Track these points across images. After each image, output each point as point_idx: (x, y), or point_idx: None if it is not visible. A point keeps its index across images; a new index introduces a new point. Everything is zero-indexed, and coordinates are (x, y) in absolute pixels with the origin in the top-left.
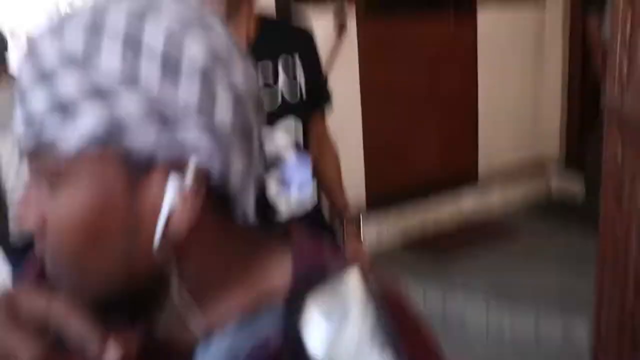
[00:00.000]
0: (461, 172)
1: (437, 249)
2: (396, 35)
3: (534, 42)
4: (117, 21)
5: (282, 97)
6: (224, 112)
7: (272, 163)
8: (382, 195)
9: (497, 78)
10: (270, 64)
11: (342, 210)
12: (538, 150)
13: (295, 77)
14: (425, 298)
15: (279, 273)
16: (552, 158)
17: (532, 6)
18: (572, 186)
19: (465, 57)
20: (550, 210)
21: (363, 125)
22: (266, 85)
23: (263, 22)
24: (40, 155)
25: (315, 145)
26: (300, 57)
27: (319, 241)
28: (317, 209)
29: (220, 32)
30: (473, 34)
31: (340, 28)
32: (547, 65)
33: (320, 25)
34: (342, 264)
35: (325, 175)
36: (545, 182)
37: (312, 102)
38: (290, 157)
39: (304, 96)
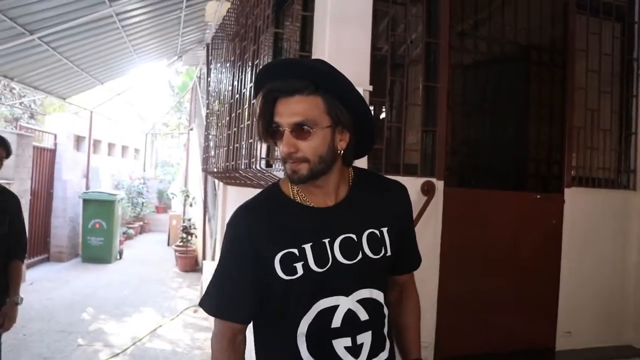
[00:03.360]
0: (536, 346)
1: None
2: (480, 201)
3: (623, 219)
4: None
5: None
6: None
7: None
8: (452, 358)
9: (582, 253)
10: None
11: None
12: (623, 338)
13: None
14: None
15: None
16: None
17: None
18: None
19: (550, 227)
20: None
21: (439, 284)
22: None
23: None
24: None
25: (397, 289)
26: (388, 232)
27: None
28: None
29: None
30: (559, 207)
31: (429, 191)
32: (636, 245)
33: (411, 184)
34: None
35: (402, 321)
36: None
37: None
38: None
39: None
